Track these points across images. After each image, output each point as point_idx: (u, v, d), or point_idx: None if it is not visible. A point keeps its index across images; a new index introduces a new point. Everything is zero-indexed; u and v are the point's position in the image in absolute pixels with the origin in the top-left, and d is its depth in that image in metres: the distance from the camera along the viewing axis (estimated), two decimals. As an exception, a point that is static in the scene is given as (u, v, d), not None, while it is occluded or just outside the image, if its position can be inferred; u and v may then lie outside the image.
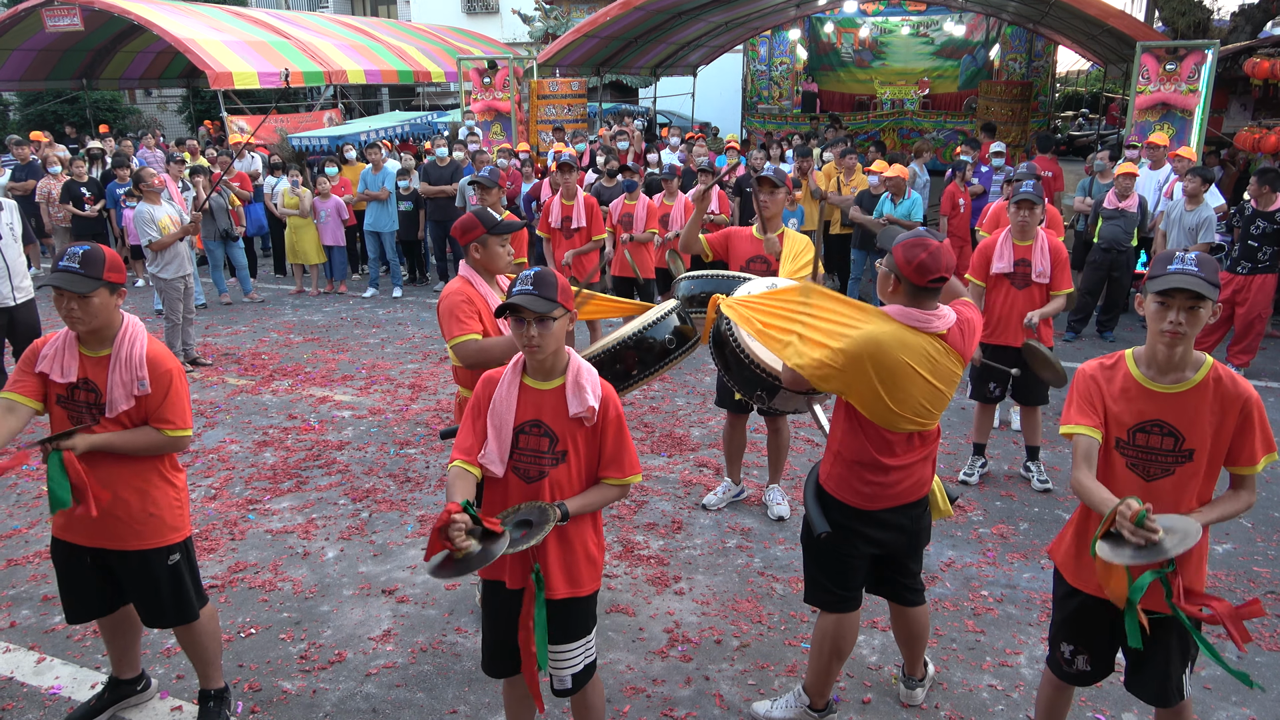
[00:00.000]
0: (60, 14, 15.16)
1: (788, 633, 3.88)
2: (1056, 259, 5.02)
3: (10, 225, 6.14)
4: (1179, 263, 2.40)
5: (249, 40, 15.92)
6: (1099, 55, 15.55)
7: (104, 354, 2.92)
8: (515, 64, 13.60)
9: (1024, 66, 18.57)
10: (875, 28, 20.27)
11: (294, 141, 14.02)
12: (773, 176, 4.58)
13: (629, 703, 3.43)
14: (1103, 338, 8.41)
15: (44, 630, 3.91)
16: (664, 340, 3.50)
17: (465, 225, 3.58)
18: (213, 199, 9.52)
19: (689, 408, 6.67)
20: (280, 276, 11.62)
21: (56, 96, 20.02)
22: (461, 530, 2.32)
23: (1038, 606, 4.05)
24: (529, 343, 2.54)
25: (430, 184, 10.12)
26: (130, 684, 3.38)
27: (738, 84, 21.26)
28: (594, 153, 11.41)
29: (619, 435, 2.63)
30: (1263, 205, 7.10)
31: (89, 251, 2.85)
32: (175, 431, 2.96)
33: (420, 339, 8.62)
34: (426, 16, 26.51)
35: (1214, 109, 10.46)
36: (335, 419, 6.50)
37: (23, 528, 4.85)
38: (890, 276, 2.83)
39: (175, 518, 3.08)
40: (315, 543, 4.68)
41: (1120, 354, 2.60)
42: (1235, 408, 2.44)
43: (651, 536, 4.73)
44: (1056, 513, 4.97)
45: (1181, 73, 9.54)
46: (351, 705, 3.43)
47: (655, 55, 17.31)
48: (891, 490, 2.94)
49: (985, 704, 3.42)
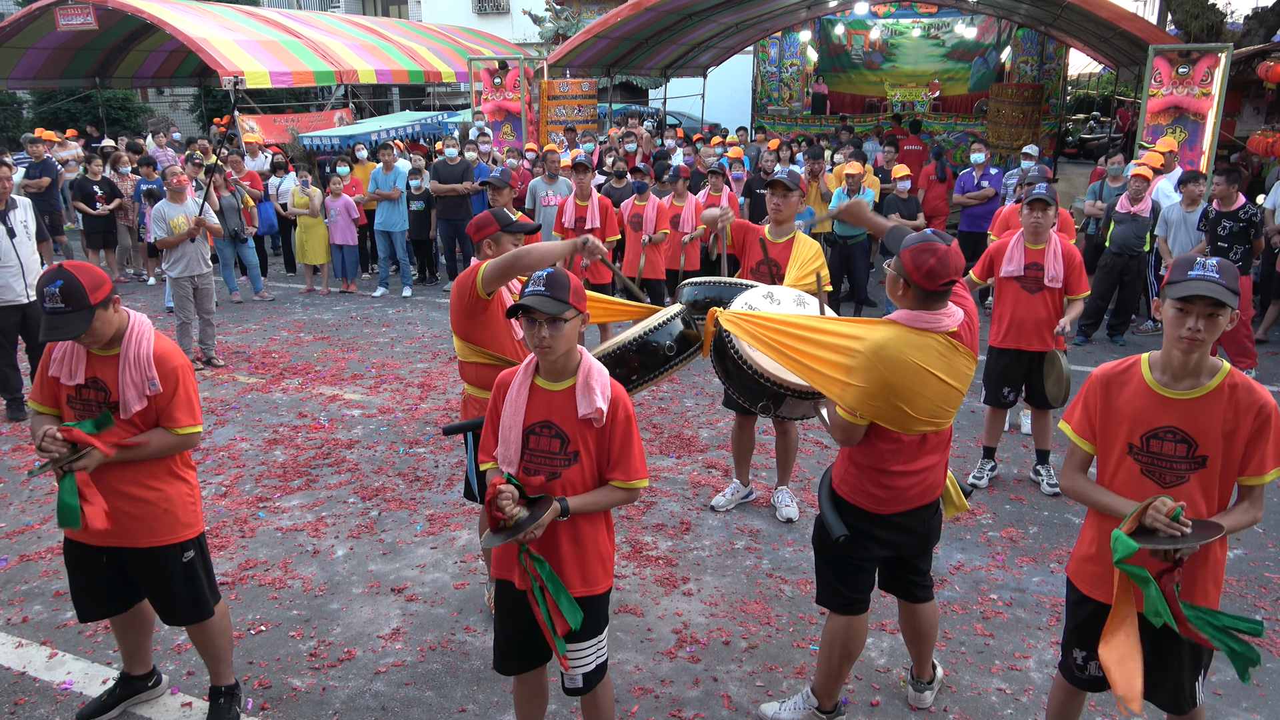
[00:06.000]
0: (73, 13, 15.24)
1: (796, 634, 3.88)
2: (1071, 263, 4.99)
3: (24, 223, 6.18)
4: (1200, 269, 2.38)
5: (261, 39, 15.98)
6: (1111, 58, 15.48)
7: (112, 353, 2.93)
8: (526, 64, 13.61)
9: (1035, 69, 18.48)
10: (886, 29, 20.21)
11: (305, 141, 14.08)
12: (786, 179, 4.57)
13: (637, 703, 3.43)
14: (1114, 341, 8.38)
15: (56, 625, 3.93)
16: (667, 345, 3.50)
17: (480, 222, 3.64)
18: (225, 199, 9.56)
19: (698, 409, 6.66)
20: (290, 275, 11.66)
21: (70, 95, 20.13)
22: (510, 499, 2.49)
23: (1047, 610, 4.03)
24: (540, 344, 2.54)
25: (441, 183, 10.15)
26: (141, 680, 3.40)
27: (748, 85, 21.22)
28: (603, 153, 11.42)
29: (626, 437, 2.63)
30: (1225, 205, 7.10)
31: (64, 286, 2.75)
32: (185, 429, 2.97)
33: (430, 338, 8.64)
34: (437, 17, 26.58)
35: (1227, 112, 10.38)
36: (345, 418, 6.52)
37: (35, 524, 4.87)
38: (900, 281, 2.82)
39: (188, 514, 3.10)
40: (325, 541, 4.70)
41: (1135, 358, 2.59)
42: (1250, 414, 2.41)
43: (660, 537, 4.73)
44: (1066, 516, 4.96)
45: (1194, 76, 9.48)
46: (361, 703, 3.44)
47: (665, 56, 17.30)
48: (906, 494, 2.93)
49: (994, 707, 3.41)
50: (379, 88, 21.39)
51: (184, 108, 24.18)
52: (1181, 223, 7.57)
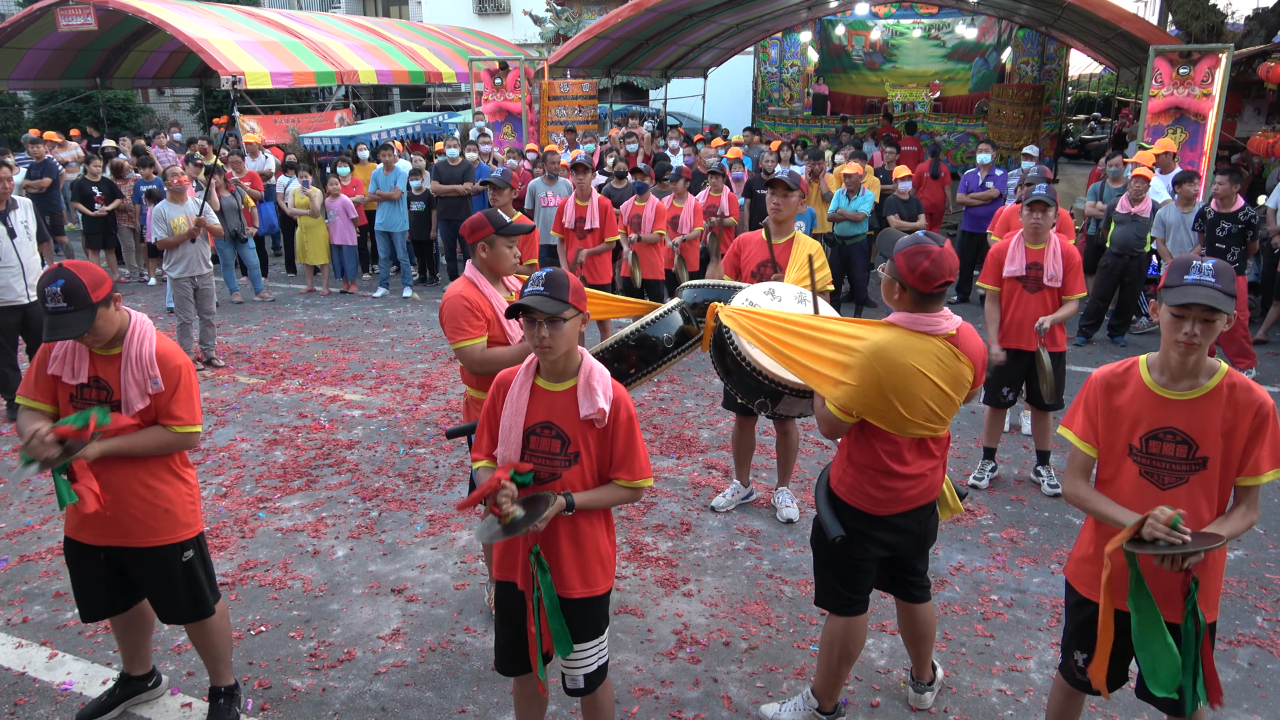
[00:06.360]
0: (74, 13, 15.26)
1: (796, 635, 3.87)
2: (1069, 263, 5.00)
3: (25, 223, 6.18)
4: (1196, 273, 2.35)
5: (261, 40, 15.99)
6: (1111, 59, 15.48)
7: (114, 353, 2.93)
8: (526, 65, 13.62)
9: (1036, 70, 18.49)
10: (886, 30, 20.21)
11: (305, 141, 14.08)
12: (786, 179, 4.57)
13: (637, 704, 3.43)
14: (1114, 342, 8.37)
15: (56, 626, 3.93)
16: (665, 338, 3.50)
17: (474, 224, 3.61)
18: (225, 199, 9.56)
19: (698, 409, 6.66)
20: (291, 276, 11.66)
21: (71, 96, 20.14)
22: (509, 496, 2.47)
23: (1047, 611, 4.03)
24: (540, 344, 2.54)
25: (442, 184, 10.15)
26: (141, 680, 3.40)
27: (748, 86, 21.24)
28: (604, 154, 11.42)
29: (629, 437, 2.62)
30: (1225, 207, 7.11)
31: (65, 286, 2.75)
32: (184, 428, 2.97)
33: (430, 339, 8.64)
34: (438, 17, 26.59)
35: (1227, 113, 10.38)
36: (345, 418, 6.52)
37: (35, 524, 4.88)
38: (894, 284, 2.82)
39: (188, 514, 3.10)
40: (325, 541, 4.70)
41: (1134, 360, 2.59)
42: (1249, 414, 2.41)
43: (660, 538, 4.73)
44: (1066, 517, 4.95)
45: (1195, 77, 9.48)
46: (360, 703, 3.44)
47: (666, 57, 17.31)
48: (903, 496, 2.94)
49: (994, 708, 3.41)
50: (379, 88, 21.40)
51: (185, 108, 24.19)
52: (1179, 224, 7.57)
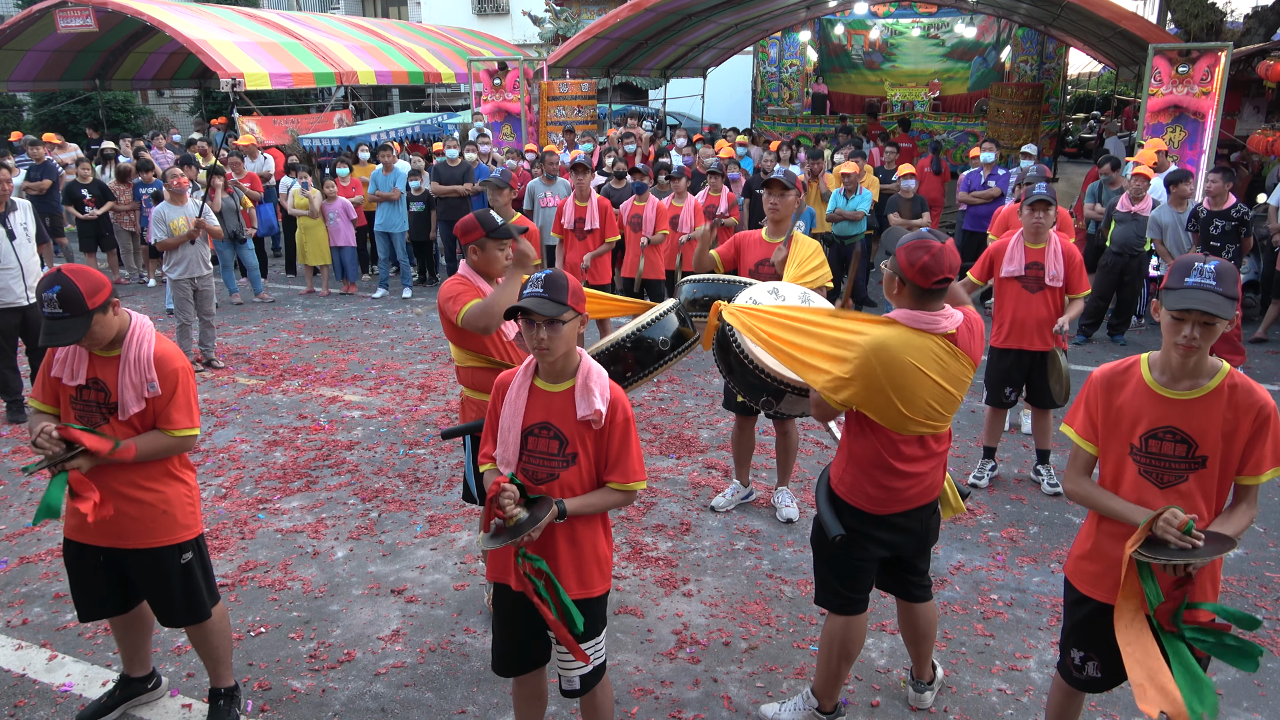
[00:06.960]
0: (73, 15, 15.25)
1: (796, 635, 3.87)
2: (1071, 262, 5.00)
3: (25, 225, 6.19)
4: (1197, 275, 2.34)
5: (260, 41, 15.98)
6: (1111, 57, 15.49)
7: (114, 354, 2.94)
8: (525, 65, 13.62)
9: (1035, 68, 18.50)
10: (886, 29, 20.22)
11: (305, 142, 14.08)
12: (783, 179, 4.57)
13: (637, 704, 3.43)
14: (1114, 341, 8.37)
15: (55, 628, 3.93)
16: (661, 340, 3.51)
17: (466, 226, 3.64)
18: (224, 200, 9.56)
19: (697, 409, 6.66)
20: (291, 277, 11.66)
21: (70, 97, 20.13)
22: (511, 499, 2.48)
23: (1047, 611, 4.03)
24: (538, 345, 2.54)
25: (441, 184, 10.15)
26: (141, 682, 3.40)
27: (747, 86, 21.25)
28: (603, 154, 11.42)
29: (624, 439, 2.62)
30: (1217, 204, 7.10)
31: (62, 292, 2.75)
32: (181, 431, 2.98)
33: (430, 339, 8.64)
34: (437, 18, 26.58)
35: (1227, 112, 10.37)
36: (345, 419, 6.52)
37: (35, 526, 4.87)
38: (895, 279, 2.83)
39: (187, 515, 3.10)
40: (325, 542, 4.70)
41: (1135, 359, 2.58)
42: (1250, 415, 2.41)
43: (660, 538, 4.73)
44: (1066, 516, 4.95)
45: (1194, 75, 9.47)
46: (360, 704, 3.44)
47: (665, 57, 17.31)
48: (904, 495, 2.93)
49: (994, 708, 3.41)
50: (379, 89, 21.38)
51: (184, 110, 24.19)
52: (1175, 224, 7.56)
